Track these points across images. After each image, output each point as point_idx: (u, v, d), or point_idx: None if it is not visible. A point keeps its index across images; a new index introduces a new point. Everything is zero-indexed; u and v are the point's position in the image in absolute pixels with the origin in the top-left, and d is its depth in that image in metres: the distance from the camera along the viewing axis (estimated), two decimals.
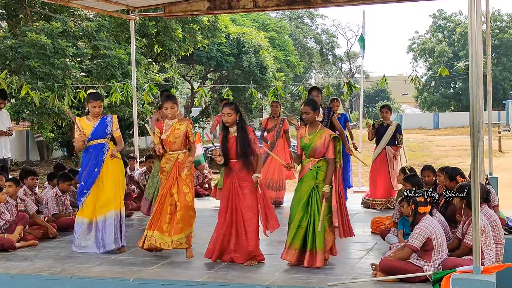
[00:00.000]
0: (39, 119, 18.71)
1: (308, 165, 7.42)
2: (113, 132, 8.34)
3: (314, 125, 7.49)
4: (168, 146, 7.91)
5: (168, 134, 7.86)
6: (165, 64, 25.47)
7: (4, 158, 11.02)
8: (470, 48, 5.98)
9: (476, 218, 5.89)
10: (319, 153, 7.36)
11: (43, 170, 22.84)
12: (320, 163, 7.35)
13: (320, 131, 7.43)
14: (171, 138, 7.86)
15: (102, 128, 8.28)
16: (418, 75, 16.14)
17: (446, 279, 5.93)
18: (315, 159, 7.37)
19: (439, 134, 49.11)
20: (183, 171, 7.77)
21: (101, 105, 8.35)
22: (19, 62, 16.70)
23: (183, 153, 7.90)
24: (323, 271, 7.01)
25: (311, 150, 7.40)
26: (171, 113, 7.90)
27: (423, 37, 72.48)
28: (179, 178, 7.81)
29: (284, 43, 41.96)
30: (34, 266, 7.52)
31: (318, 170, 7.33)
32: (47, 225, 9.36)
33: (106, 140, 8.31)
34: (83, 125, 8.28)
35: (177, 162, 7.86)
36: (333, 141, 7.34)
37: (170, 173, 7.83)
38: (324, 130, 7.46)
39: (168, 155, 7.91)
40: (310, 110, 7.43)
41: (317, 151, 7.36)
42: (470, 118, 6.12)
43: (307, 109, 7.44)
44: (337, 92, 53.14)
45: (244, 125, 7.54)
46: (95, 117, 8.30)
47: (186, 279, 6.81)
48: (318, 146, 7.35)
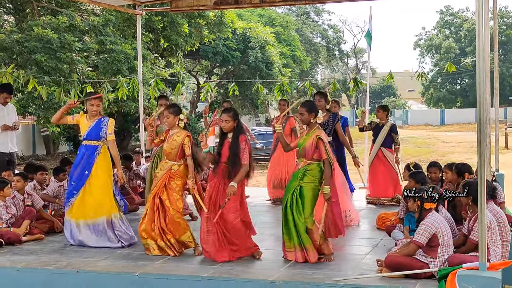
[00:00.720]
0: (45, 113, 18.77)
1: (299, 164, 7.47)
2: (107, 135, 8.34)
3: (312, 126, 7.50)
4: (166, 155, 7.97)
5: (166, 143, 7.92)
6: (171, 59, 25.48)
7: (11, 152, 11.03)
8: (478, 45, 5.96)
9: (482, 214, 5.88)
10: (307, 153, 7.36)
11: (50, 165, 22.88)
12: (311, 167, 7.34)
13: (312, 132, 7.44)
14: (168, 148, 7.89)
15: (97, 130, 8.30)
16: (424, 71, 16.08)
17: (452, 276, 5.93)
18: (307, 161, 7.38)
19: (445, 131, 49.04)
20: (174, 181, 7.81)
21: (100, 104, 8.32)
22: (25, 56, 16.74)
23: (178, 165, 7.88)
24: (328, 267, 7.01)
25: (302, 149, 7.45)
26: (167, 122, 7.94)
27: (430, 33, 72.27)
28: (169, 187, 7.82)
29: (290, 39, 41.96)
30: (40, 260, 7.54)
31: (306, 172, 7.33)
32: (53, 219, 9.38)
33: (99, 142, 8.32)
34: (82, 122, 8.36)
35: (169, 171, 7.86)
36: (320, 141, 7.31)
37: (159, 180, 7.84)
38: (315, 131, 7.44)
39: (164, 163, 7.96)
40: (305, 111, 7.44)
41: (306, 151, 7.38)
42: (476, 114, 6.11)
43: (302, 110, 7.46)
44: (343, 87, 53.01)
45: (238, 134, 7.47)
46: (93, 116, 8.31)
47: (192, 274, 6.83)
48: (307, 146, 7.37)
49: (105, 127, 8.31)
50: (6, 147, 10.90)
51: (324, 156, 7.27)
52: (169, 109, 7.94)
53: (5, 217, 8.72)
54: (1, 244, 8.26)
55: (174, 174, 7.83)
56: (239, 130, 7.50)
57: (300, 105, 7.52)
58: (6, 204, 8.84)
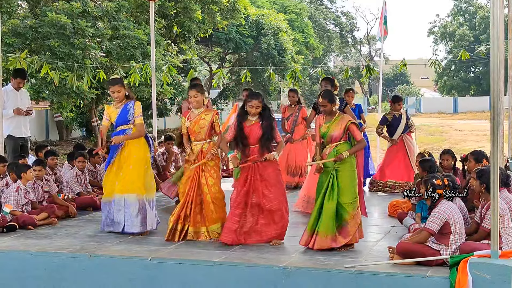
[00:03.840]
0: (58, 98, 18.83)
1: (327, 150, 7.48)
2: (135, 118, 8.19)
3: (332, 113, 7.54)
4: (193, 136, 7.95)
5: (193, 124, 7.88)
6: (183, 45, 25.46)
7: (24, 137, 11.11)
8: (492, 32, 5.93)
9: (495, 202, 5.87)
10: (335, 139, 7.42)
11: (63, 150, 23.04)
12: (339, 146, 7.38)
13: (337, 118, 7.49)
14: (196, 128, 7.88)
15: (124, 114, 8.19)
16: (438, 59, 15.99)
17: (463, 263, 5.93)
18: (333, 144, 7.42)
19: (459, 119, 48.79)
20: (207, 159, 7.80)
21: (120, 89, 8.14)
22: (39, 42, 16.76)
23: (208, 143, 7.92)
24: (340, 254, 7.03)
25: (328, 137, 7.48)
26: (195, 101, 7.91)
27: (444, 20, 71.75)
28: (205, 169, 7.84)
29: (304, 26, 41.81)
30: (54, 244, 7.60)
31: (337, 152, 7.35)
32: (67, 204, 9.45)
33: (129, 126, 8.20)
34: (109, 112, 8.28)
35: (201, 152, 7.87)
36: (353, 125, 7.39)
37: (195, 164, 7.81)
38: (342, 117, 7.51)
39: (193, 146, 7.95)
40: (327, 103, 7.48)
41: (334, 137, 7.42)
42: (490, 102, 6.08)
43: (324, 102, 7.49)
44: (356, 75, 52.81)
45: (270, 112, 7.66)
46: (118, 102, 8.25)
47: (204, 259, 6.86)
48: (335, 133, 7.41)
49: (132, 109, 8.19)
50: (19, 132, 10.98)
51: (359, 137, 7.43)
52: (196, 88, 7.97)
53: (21, 201, 8.79)
54: (15, 228, 8.34)
55: (205, 154, 7.83)
56: (268, 110, 7.68)
57: (322, 97, 7.55)
58: (26, 189, 8.92)
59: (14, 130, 10.90)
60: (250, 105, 7.57)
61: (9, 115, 10.75)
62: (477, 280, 5.83)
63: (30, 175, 8.97)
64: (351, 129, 7.41)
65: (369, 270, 6.33)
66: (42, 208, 9.00)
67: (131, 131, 8.17)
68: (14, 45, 15.83)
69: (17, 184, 8.83)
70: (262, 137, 7.51)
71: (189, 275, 6.72)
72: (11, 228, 8.29)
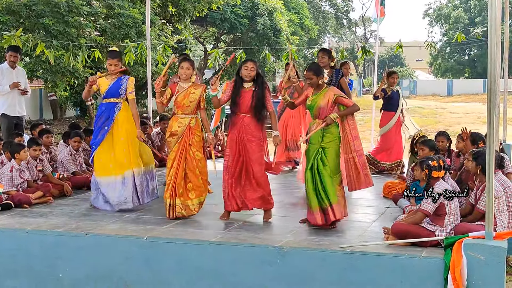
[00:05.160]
0: (53, 77, 18.74)
1: (313, 126, 7.44)
2: (127, 94, 8.28)
3: (320, 86, 7.48)
4: (181, 109, 7.89)
5: (181, 97, 7.86)
6: (178, 25, 25.32)
7: (19, 115, 11.05)
8: (490, 14, 5.91)
9: (490, 184, 5.90)
10: (322, 113, 7.36)
11: (57, 129, 23.01)
12: (328, 127, 7.36)
13: (324, 91, 7.44)
14: (186, 102, 7.84)
15: (116, 87, 8.23)
16: (433, 41, 15.95)
17: (458, 244, 5.97)
18: (320, 120, 7.38)
19: (453, 101, 48.80)
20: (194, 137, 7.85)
21: (118, 63, 8.22)
22: (33, 20, 16.63)
23: (195, 118, 7.91)
24: (335, 234, 7.06)
25: (315, 110, 7.44)
26: (186, 73, 7.87)
27: (440, 2, 71.65)
28: (192, 144, 7.85)
29: (299, 6, 41.56)
30: (50, 223, 7.60)
31: (324, 132, 7.34)
32: (62, 183, 9.45)
33: (119, 99, 8.25)
34: (101, 83, 8.28)
35: (189, 127, 7.86)
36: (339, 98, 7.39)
37: (181, 137, 7.82)
38: (328, 89, 7.46)
39: (181, 119, 7.90)
40: (312, 75, 7.41)
41: (321, 111, 7.37)
42: (487, 84, 6.08)
43: (309, 74, 7.42)
44: (351, 56, 52.75)
45: (264, 80, 7.63)
46: (112, 75, 8.28)
47: (199, 238, 6.88)
48: (322, 106, 7.37)
49: (125, 84, 8.24)
50: (14, 110, 10.92)
51: (350, 103, 7.41)
52: (190, 61, 7.97)
53: (17, 181, 8.79)
54: (11, 206, 8.33)
55: (193, 129, 7.86)
56: (262, 77, 7.64)
57: (307, 70, 7.48)
58: (20, 168, 8.91)
59: (8, 109, 10.83)
60: (245, 66, 7.56)
61: (5, 91, 10.69)
62: (472, 261, 5.86)
63: (24, 155, 8.95)
64: (339, 100, 7.38)
65: (364, 250, 6.35)
66: (37, 186, 9.00)
67: (121, 105, 8.23)
68: (7, 23, 15.71)
69: (11, 164, 8.82)
70: (255, 106, 7.51)
71: (184, 254, 6.73)
72: (7, 207, 8.28)
